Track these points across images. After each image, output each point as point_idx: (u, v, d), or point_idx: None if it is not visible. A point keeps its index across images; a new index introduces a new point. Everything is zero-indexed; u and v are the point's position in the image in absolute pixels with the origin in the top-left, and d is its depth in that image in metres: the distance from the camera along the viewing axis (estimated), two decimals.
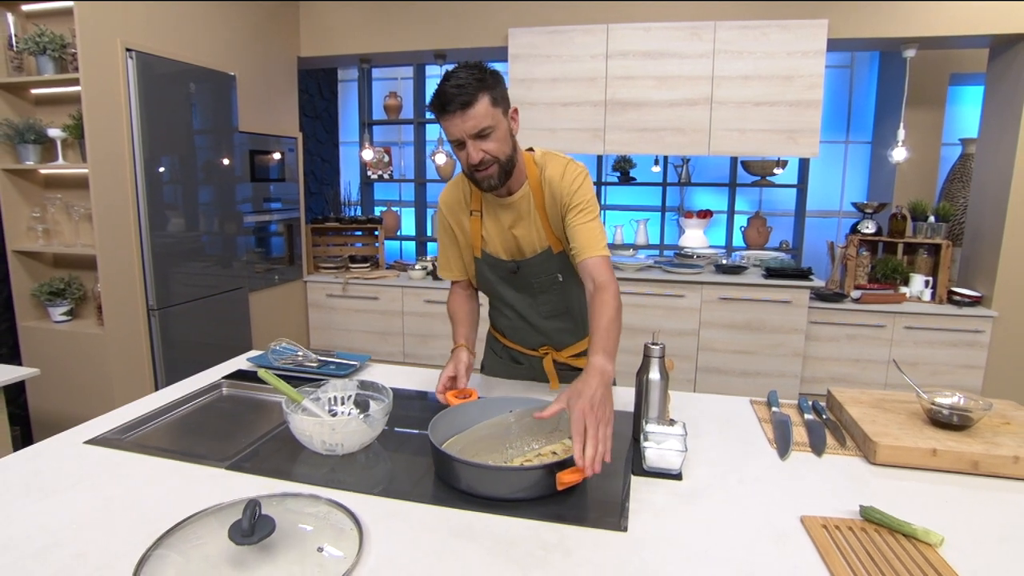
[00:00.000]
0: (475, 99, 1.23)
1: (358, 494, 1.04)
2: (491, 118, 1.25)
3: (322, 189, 5.11)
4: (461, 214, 1.49)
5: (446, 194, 1.52)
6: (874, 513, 0.98)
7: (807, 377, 3.38)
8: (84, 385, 2.62)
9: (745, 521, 0.99)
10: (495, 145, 1.28)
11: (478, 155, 1.27)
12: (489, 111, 1.25)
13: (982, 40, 3.17)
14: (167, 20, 2.80)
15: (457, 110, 1.23)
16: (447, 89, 1.23)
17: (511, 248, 1.46)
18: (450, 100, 1.23)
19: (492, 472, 1.05)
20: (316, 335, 4.14)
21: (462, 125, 1.24)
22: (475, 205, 1.46)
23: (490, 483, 1.02)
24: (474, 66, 1.27)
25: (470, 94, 1.22)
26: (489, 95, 1.25)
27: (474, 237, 1.48)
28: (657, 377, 1.27)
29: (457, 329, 1.51)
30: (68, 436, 1.26)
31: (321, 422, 1.14)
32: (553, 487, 1.00)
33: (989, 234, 3.24)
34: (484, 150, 1.27)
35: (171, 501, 1.01)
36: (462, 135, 1.26)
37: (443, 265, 1.58)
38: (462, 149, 1.29)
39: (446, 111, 1.24)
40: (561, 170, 1.39)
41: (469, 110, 1.23)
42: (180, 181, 2.88)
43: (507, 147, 1.31)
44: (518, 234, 1.44)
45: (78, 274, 2.75)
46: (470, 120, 1.24)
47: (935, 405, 1.28)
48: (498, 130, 1.28)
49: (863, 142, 4.42)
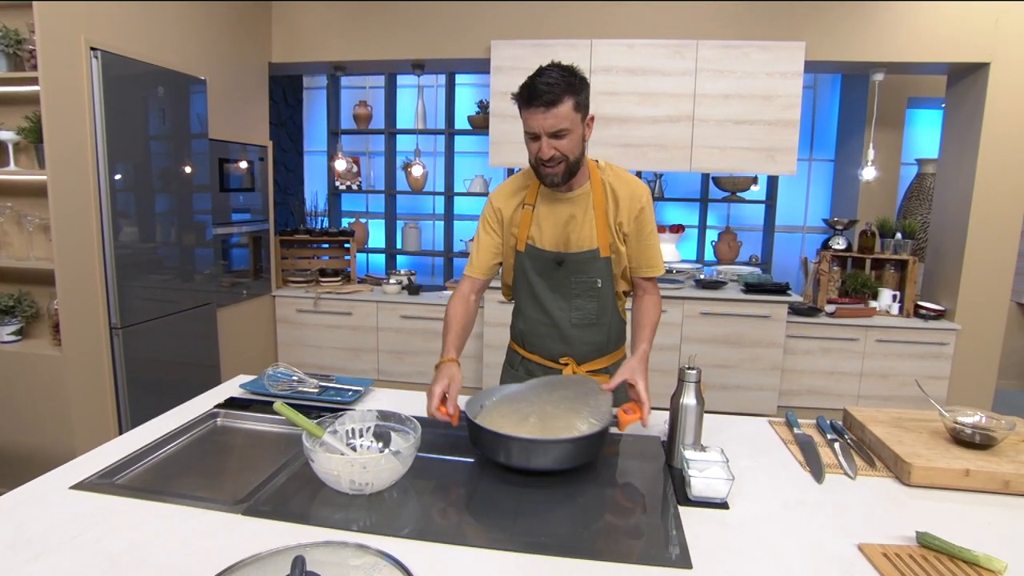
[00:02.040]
0: (560, 100, 1.28)
1: (397, 539, 0.95)
2: (570, 121, 1.31)
3: (286, 199, 4.90)
4: (513, 204, 1.52)
5: (501, 188, 1.57)
6: (932, 540, 0.97)
7: (785, 390, 3.45)
8: (38, 412, 2.38)
9: (803, 551, 0.96)
10: (567, 145, 1.33)
11: (549, 151, 1.33)
12: (570, 114, 1.31)
13: (942, 67, 3.36)
14: (135, 19, 2.62)
15: (541, 106, 1.29)
16: (537, 84, 1.28)
17: (560, 239, 1.48)
18: (537, 95, 1.28)
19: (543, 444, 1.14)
20: (286, 352, 3.95)
21: (543, 121, 1.30)
22: (530, 199, 1.50)
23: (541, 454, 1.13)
24: (567, 68, 1.32)
25: (557, 94, 1.28)
26: (574, 99, 1.30)
27: (521, 228, 1.50)
28: (693, 402, 1.24)
29: (449, 336, 1.44)
30: (50, 480, 1.12)
31: (351, 460, 1.05)
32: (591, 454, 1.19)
33: (951, 250, 3.41)
34: (556, 148, 1.33)
35: (187, 554, 0.90)
36: (540, 130, 1.31)
37: (474, 261, 1.58)
38: (535, 141, 1.34)
39: (531, 104, 1.30)
40: (629, 185, 1.48)
41: (553, 109, 1.29)
42: (146, 190, 2.69)
43: (577, 150, 1.37)
44: (571, 228, 1.47)
45: (29, 290, 2.51)
46: (551, 118, 1.29)
47: (958, 424, 1.29)
48: (573, 133, 1.33)
49: (826, 160, 4.61)
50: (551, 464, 1.14)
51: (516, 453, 1.13)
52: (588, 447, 1.17)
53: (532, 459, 1.14)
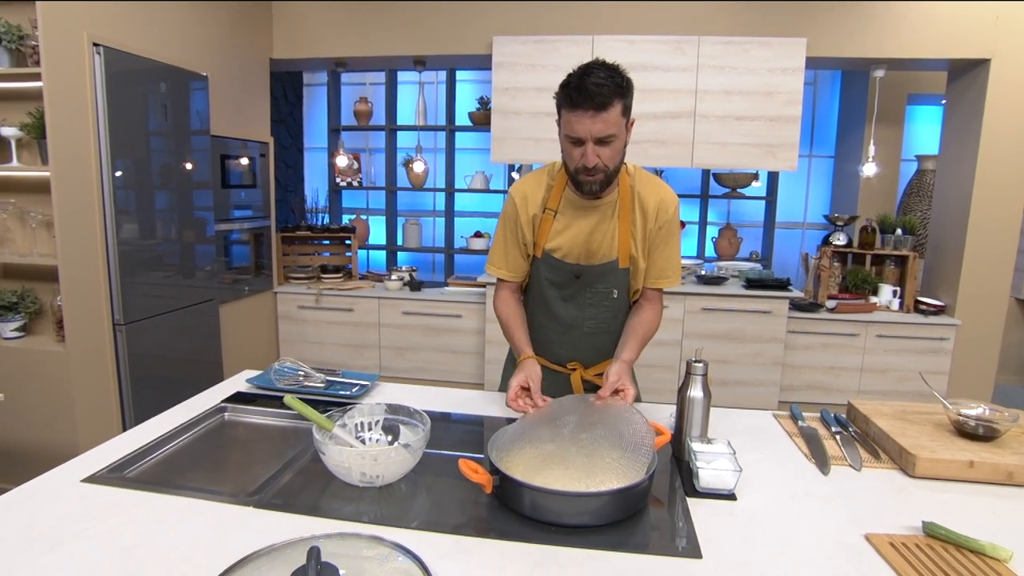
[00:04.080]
0: (611, 103, 1.20)
1: (411, 530, 0.96)
2: (617, 127, 1.23)
3: (287, 196, 4.90)
4: (535, 208, 1.44)
5: (524, 186, 1.45)
6: (938, 529, 0.98)
7: (786, 386, 3.47)
8: (42, 407, 2.38)
9: (812, 540, 0.97)
10: (611, 154, 1.26)
11: (594, 159, 1.25)
12: (619, 119, 1.23)
13: (942, 63, 3.37)
14: (137, 15, 2.61)
15: (591, 109, 1.19)
16: (587, 85, 1.18)
17: (580, 251, 1.42)
18: (588, 97, 1.18)
19: (568, 498, 0.99)
20: (288, 348, 3.95)
21: (591, 126, 1.21)
22: (552, 204, 1.41)
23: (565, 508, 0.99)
24: (613, 68, 1.23)
25: (608, 97, 1.19)
26: (623, 103, 1.22)
27: (541, 236, 1.43)
28: (700, 395, 1.24)
29: (518, 335, 1.44)
30: (61, 474, 1.12)
31: (363, 453, 1.06)
32: (627, 510, 1.02)
33: (951, 246, 3.42)
34: (600, 156, 1.25)
35: (200, 547, 0.90)
36: (587, 135, 1.22)
37: (497, 260, 1.50)
38: (578, 147, 1.25)
39: (579, 107, 1.20)
40: (659, 194, 1.40)
41: (603, 113, 1.20)
42: (148, 186, 2.69)
43: (619, 158, 1.30)
44: (593, 239, 1.41)
45: (32, 286, 2.51)
46: (600, 123, 1.21)
47: (962, 416, 1.30)
48: (618, 140, 1.26)
49: (826, 156, 4.62)
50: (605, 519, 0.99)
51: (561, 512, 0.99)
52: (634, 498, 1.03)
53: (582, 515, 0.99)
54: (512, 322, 1.45)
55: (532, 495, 0.99)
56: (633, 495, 1.02)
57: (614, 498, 0.99)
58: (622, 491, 1.00)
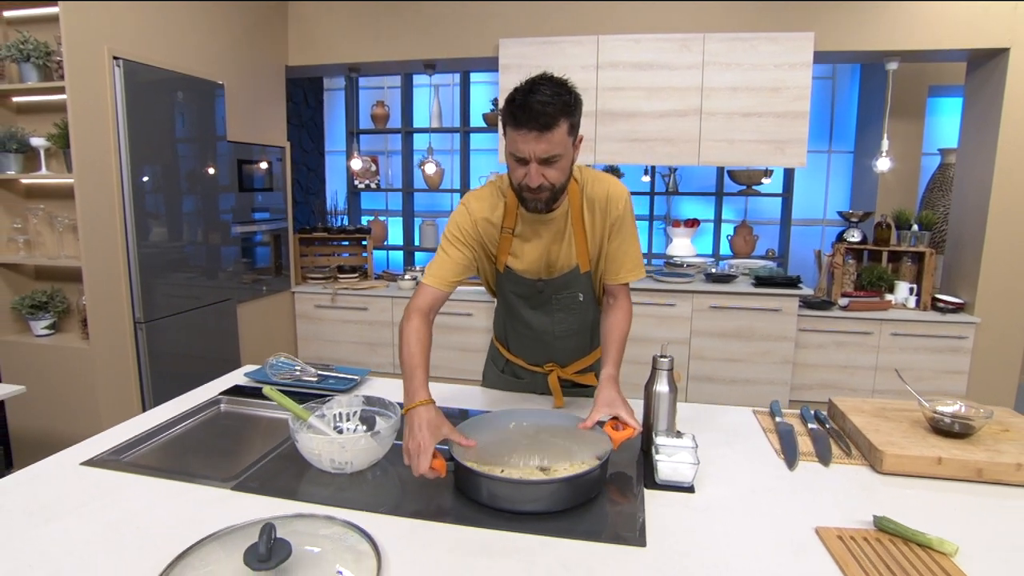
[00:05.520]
0: (556, 123, 1.15)
1: (371, 513, 1.02)
2: (563, 146, 1.19)
3: (308, 199, 5.05)
4: (491, 227, 1.39)
5: (479, 202, 1.39)
6: (888, 523, 0.98)
7: (797, 384, 3.42)
8: (68, 401, 2.54)
9: (761, 533, 0.99)
10: (556, 174, 1.22)
11: (538, 179, 1.21)
12: (564, 139, 1.18)
13: (960, 54, 3.27)
14: (155, 28, 2.75)
15: (535, 129, 1.15)
16: (532, 103, 1.13)
17: (540, 266, 1.40)
18: (532, 117, 1.14)
19: (523, 486, 1.03)
20: (305, 346, 4.08)
21: (535, 146, 1.17)
22: (508, 223, 1.37)
23: (520, 496, 1.03)
24: (560, 84, 1.18)
25: (553, 116, 1.14)
26: (569, 121, 1.18)
27: (500, 253, 1.41)
28: (666, 389, 1.27)
29: (418, 373, 1.19)
30: (63, 457, 1.22)
31: (331, 440, 1.12)
32: (578, 499, 1.05)
33: (970, 242, 3.32)
34: (545, 176, 1.21)
35: (177, 524, 0.98)
36: (530, 155, 1.18)
37: (435, 271, 1.35)
38: (522, 166, 1.21)
39: (523, 126, 1.16)
40: (606, 190, 1.36)
41: (547, 133, 1.15)
42: (167, 191, 2.83)
43: (566, 176, 1.26)
44: (552, 251, 1.39)
45: (61, 287, 2.68)
46: (544, 143, 1.16)
47: (937, 414, 1.30)
48: (564, 159, 1.22)
49: (845, 152, 4.52)
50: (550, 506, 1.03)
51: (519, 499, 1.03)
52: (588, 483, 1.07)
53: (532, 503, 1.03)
54: (415, 355, 1.22)
55: (486, 484, 1.04)
56: (584, 483, 1.05)
57: (565, 486, 1.03)
58: (572, 479, 1.04)
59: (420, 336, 1.25)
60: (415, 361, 1.21)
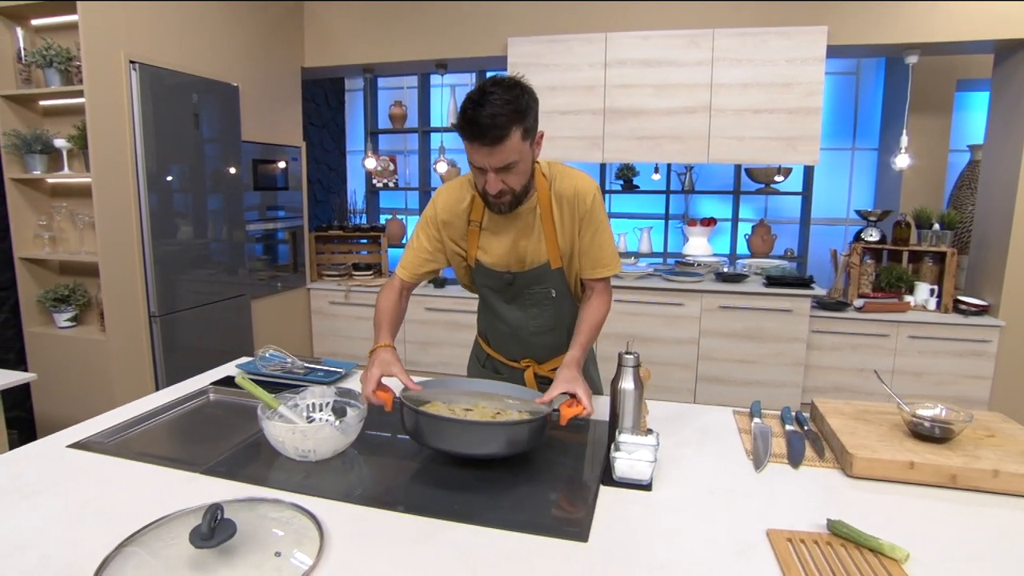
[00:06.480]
0: (507, 133, 1.15)
1: (325, 499, 1.04)
2: (518, 153, 1.19)
3: (329, 197, 5.17)
4: (458, 220, 1.42)
5: (447, 195, 1.42)
6: (841, 527, 0.96)
7: (809, 387, 3.34)
8: (86, 390, 2.67)
9: (710, 534, 0.98)
10: (516, 178, 1.24)
11: (497, 186, 1.23)
12: (518, 146, 1.18)
13: (986, 45, 3.13)
14: (171, 33, 2.86)
15: (486, 144, 1.16)
16: (480, 118, 1.13)
17: (509, 260, 1.42)
18: (482, 132, 1.14)
19: (448, 424, 1.12)
20: (319, 342, 4.18)
21: (488, 158, 1.18)
22: (476, 216, 1.40)
23: (443, 433, 1.12)
24: (511, 86, 1.17)
25: (503, 127, 1.14)
26: (522, 127, 1.17)
27: (470, 247, 1.43)
28: (631, 387, 1.26)
29: (384, 324, 1.37)
30: (53, 440, 1.29)
31: (293, 428, 1.15)
32: (502, 448, 1.12)
33: (996, 241, 3.18)
34: (505, 181, 1.23)
35: (143, 505, 1.02)
36: (486, 166, 1.20)
37: (406, 263, 1.46)
38: (482, 174, 1.23)
39: (474, 140, 1.16)
40: (573, 186, 1.36)
41: (499, 145, 1.16)
42: (182, 189, 2.94)
43: (526, 178, 1.27)
44: (520, 246, 1.40)
45: (82, 281, 2.81)
46: (497, 155, 1.17)
47: (916, 417, 1.26)
48: (522, 163, 1.22)
49: (869, 149, 4.38)
50: (483, 450, 1.12)
51: (449, 437, 1.12)
52: (521, 434, 1.13)
53: (464, 444, 1.12)
54: (384, 313, 1.39)
55: (414, 418, 1.12)
56: (509, 434, 1.12)
57: (486, 430, 1.12)
58: (496, 424, 1.13)
59: (390, 302, 1.43)
60: (382, 317, 1.40)
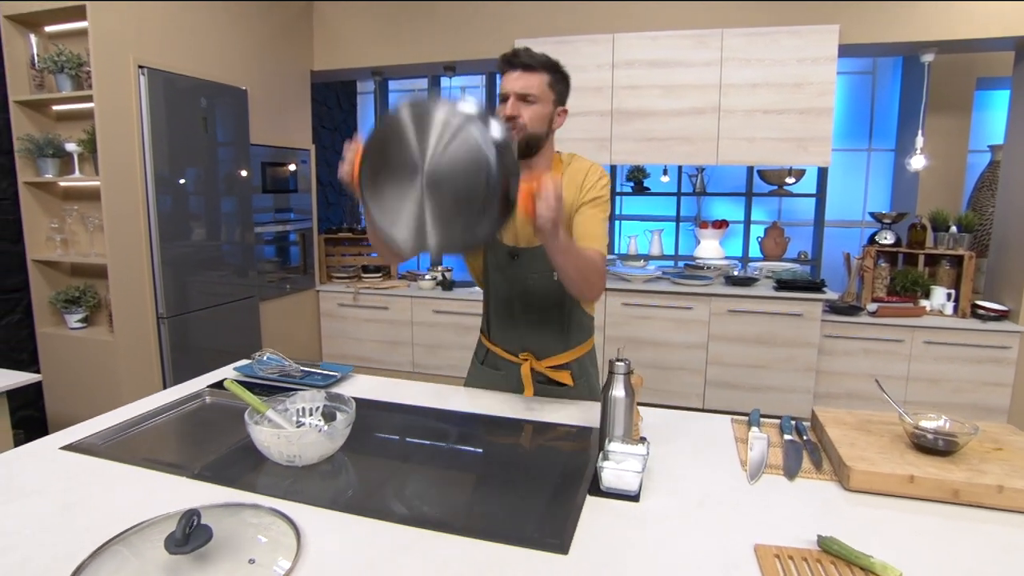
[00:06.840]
0: (537, 68, 1.35)
1: (309, 506, 1.04)
2: (540, 91, 1.36)
3: (340, 200, 5.20)
4: None
5: None
6: (832, 544, 0.93)
7: (821, 392, 3.27)
8: (95, 390, 2.71)
9: (695, 548, 0.95)
10: (531, 114, 1.36)
11: (513, 110, 1.36)
12: (542, 86, 1.36)
13: (1006, 42, 3.04)
14: (180, 37, 2.90)
15: (517, 68, 1.36)
16: (520, 53, 1.36)
17: (513, 233, 1.50)
18: (518, 59, 1.36)
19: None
20: (328, 344, 4.20)
21: (514, 82, 1.36)
22: None
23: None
24: (554, 60, 1.40)
25: (536, 63, 1.35)
26: (551, 76, 1.37)
27: None
28: (622, 394, 1.24)
29: None
30: (47, 441, 1.30)
31: (278, 433, 1.15)
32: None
33: (1016, 244, 3.08)
34: (522, 112, 1.36)
35: (127, 509, 1.03)
36: (510, 90, 1.36)
37: None
38: (504, 104, 1.38)
39: (509, 65, 1.37)
40: (587, 166, 1.48)
41: (527, 73, 1.35)
42: (190, 192, 2.98)
43: (540, 126, 1.39)
44: (525, 220, 1.40)
45: (93, 282, 2.86)
46: (522, 80, 1.35)
47: (919, 429, 1.21)
48: (540, 104, 1.37)
49: (886, 150, 4.28)
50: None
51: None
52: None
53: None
54: None
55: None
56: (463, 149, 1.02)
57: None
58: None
59: None
60: None
